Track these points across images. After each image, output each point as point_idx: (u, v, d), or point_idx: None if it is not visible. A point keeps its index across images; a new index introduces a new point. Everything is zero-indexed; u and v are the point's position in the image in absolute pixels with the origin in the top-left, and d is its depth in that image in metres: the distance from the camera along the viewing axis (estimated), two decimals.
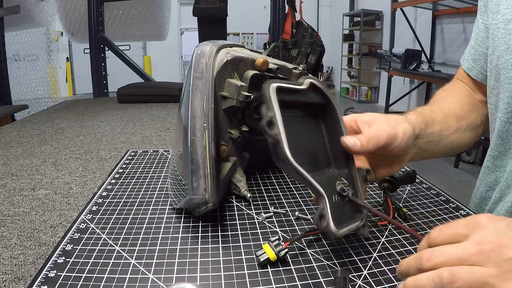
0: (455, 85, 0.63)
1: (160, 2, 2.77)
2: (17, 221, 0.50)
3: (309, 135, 0.42)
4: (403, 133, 0.42)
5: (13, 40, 3.29)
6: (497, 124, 0.53)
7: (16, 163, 0.75)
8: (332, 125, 0.43)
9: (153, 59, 7.59)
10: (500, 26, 0.50)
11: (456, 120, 0.54)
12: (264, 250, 0.39)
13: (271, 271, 0.39)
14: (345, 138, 0.41)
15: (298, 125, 0.41)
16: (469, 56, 0.61)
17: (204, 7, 1.97)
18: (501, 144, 0.53)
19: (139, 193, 0.58)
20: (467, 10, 4.09)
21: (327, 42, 4.41)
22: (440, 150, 0.52)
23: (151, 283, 0.37)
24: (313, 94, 0.43)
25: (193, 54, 0.51)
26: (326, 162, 0.42)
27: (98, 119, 1.20)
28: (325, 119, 0.44)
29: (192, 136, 0.44)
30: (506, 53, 0.49)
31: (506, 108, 0.50)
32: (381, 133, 0.41)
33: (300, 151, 0.38)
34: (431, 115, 0.51)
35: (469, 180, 2.97)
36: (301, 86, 0.41)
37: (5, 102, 2.26)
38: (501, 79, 0.50)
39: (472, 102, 0.59)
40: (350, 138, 0.40)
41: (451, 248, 0.29)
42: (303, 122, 0.42)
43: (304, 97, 0.41)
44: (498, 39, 0.50)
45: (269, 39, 3.05)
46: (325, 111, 0.44)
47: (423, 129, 0.48)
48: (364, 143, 0.40)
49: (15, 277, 0.38)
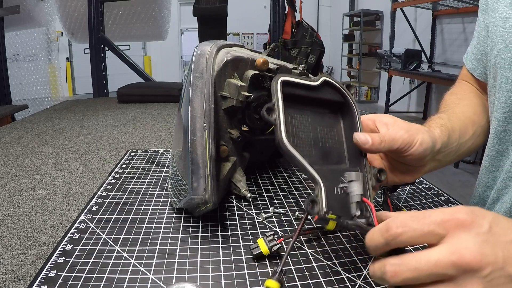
0: (462, 87, 0.62)
1: (160, 2, 2.77)
2: (17, 221, 0.50)
3: (324, 131, 0.42)
4: (419, 143, 0.41)
5: (13, 40, 3.29)
6: (494, 123, 0.53)
7: (16, 163, 0.75)
8: (350, 124, 0.43)
9: (153, 59, 7.58)
10: (498, 24, 0.50)
11: (472, 125, 0.53)
12: (258, 244, 0.40)
13: (271, 271, 0.39)
14: (357, 134, 0.40)
15: (310, 120, 0.41)
16: (472, 55, 0.60)
17: (204, 7, 1.97)
18: (499, 144, 0.53)
19: (139, 193, 0.58)
20: (467, 10, 4.09)
21: (327, 42, 4.42)
22: (457, 158, 0.51)
23: (151, 283, 0.37)
24: (329, 92, 0.43)
25: (193, 54, 0.51)
26: (340, 159, 0.42)
27: (98, 119, 1.20)
28: (344, 117, 0.44)
29: (192, 136, 0.44)
30: (504, 51, 0.48)
31: (503, 108, 0.50)
32: (397, 137, 0.40)
33: (305, 142, 0.39)
34: (451, 124, 0.49)
35: (469, 180, 2.96)
36: (314, 82, 0.41)
37: (5, 102, 2.26)
38: (498, 78, 0.50)
39: (483, 103, 0.59)
40: (362, 134, 0.39)
41: (421, 258, 0.25)
42: (319, 118, 0.42)
43: (318, 94, 0.42)
44: (496, 38, 0.50)
45: (269, 39, 3.05)
46: (343, 109, 0.44)
47: (445, 142, 0.46)
48: (376, 143, 0.39)
49: (15, 277, 0.38)
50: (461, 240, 0.24)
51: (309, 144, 0.39)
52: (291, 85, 0.39)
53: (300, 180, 0.64)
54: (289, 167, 0.71)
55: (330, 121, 0.43)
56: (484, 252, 0.24)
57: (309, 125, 0.41)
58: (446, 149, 0.47)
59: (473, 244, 0.24)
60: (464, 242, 0.24)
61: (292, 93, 0.39)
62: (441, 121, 0.50)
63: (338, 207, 0.35)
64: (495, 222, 0.25)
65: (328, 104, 0.43)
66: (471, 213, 0.25)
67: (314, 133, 0.41)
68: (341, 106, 0.44)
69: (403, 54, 4.73)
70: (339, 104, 0.44)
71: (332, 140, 0.42)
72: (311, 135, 0.40)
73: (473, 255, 0.23)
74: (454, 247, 0.24)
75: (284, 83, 0.38)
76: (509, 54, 0.47)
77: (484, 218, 0.25)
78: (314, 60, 2.71)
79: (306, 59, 2.68)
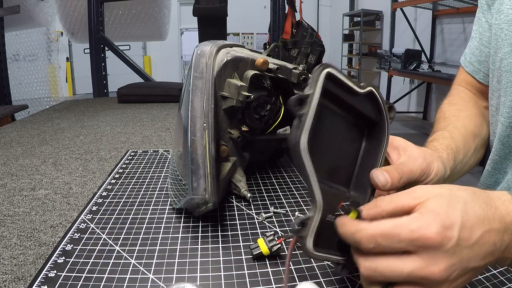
0: (460, 95, 0.60)
1: (160, 2, 2.77)
2: (17, 221, 0.50)
3: (342, 145, 0.37)
4: (435, 172, 0.38)
5: (13, 40, 3.29)
6: (498, 128, 0.52)
7: (16, 163, 0.75)
8: (373, 150, 0.38)
9: (153, 59, 7.58)
10: (503, 27, 0.48)
11: (474, 139, 0.52)
12: (258, 244, 0.40)
13: (271, 271, 0.39)
14: (376, 174, 0.35)
15: (335, 126, 0.35)
16: (473, 57, 0.58)
17: (204, 7, 1.97)
18: (502, 148, 0.52)
19: (139, 193, 0.58)
20: (467, 10, 4.09)
21: (327, 42, 4.41)
22: (459, 176, 0.50)
23: (151, 283, 0.37)
24: (369, 105, 0.37)
25: (193, 54, 0.51)
26: (345, 181, 0.37)
27: (98, 119, 1.20)
28: (369, 138, 0.38)
29: (192, 136, 0.44)
30: (510, 55, 0.47)
31: (508, 112, 0.49)
32: (415, 169, 0.37)
33: (320, 151, 0.33)
34: (455, 144, 0.47)
35: (469, 180, 2.95)
36: (359, 89, 0.35)
37: (5, 102, 2.26)
38: (503, 82, 0.49)
39: (481, 112, 0.57)
40: (381, 174, 0.35)
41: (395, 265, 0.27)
42: (344, 128, 0.37)
43: (357, 102, 0.36)
44: (501, 40, 0.49)
45: (269, 39, 3.05)
46: (373, 130, 0.38)
47: (452, 167, 0.44)
48: (395, 181, 0.35)
49: (15, 277, 0.38)
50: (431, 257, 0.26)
51: (323, 153, 0.34)
52: (334, 82, 0.33)
53: (300, 180, 0.64)
54: (289, 167, 0.71)
55: (353, 136, 0.38)
56: (452, 264, 0.26)
57: (332, 133, 0.35)
58: (452, 173, 0.45)
59: (441, 260, 0.26)
60: (433, 259, 0.26)
61: (331, 91, 0.33)
62: (445, 141, 0.47)
63: (323, 237, 0.32)
64: (463, 226, 0.26)
65: (361, 117, 0.37)
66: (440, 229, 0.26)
67: (333, 143, 0.35)
68: (371, 125, 0.38)
69: (403, 54, 4.73)
70: (371, 123, 0.38)
71: (346, 157, 0.37)
72: (330, 144, 0.35)
73: (441, 270, 0.26)
74: (424, 264, 0.26)
75: (329, 77, 0.32)
76: None
77: (453, 228, 0.26)
78: (314, 60, 2.71)
79: (306, 59, 2.68)
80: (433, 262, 0.26)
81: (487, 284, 0.36)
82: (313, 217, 0.30)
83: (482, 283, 0.37)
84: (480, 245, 0.27)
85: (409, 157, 0.38)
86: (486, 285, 0.36)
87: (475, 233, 0.27)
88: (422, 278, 0.26)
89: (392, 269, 0.27)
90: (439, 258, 0.26)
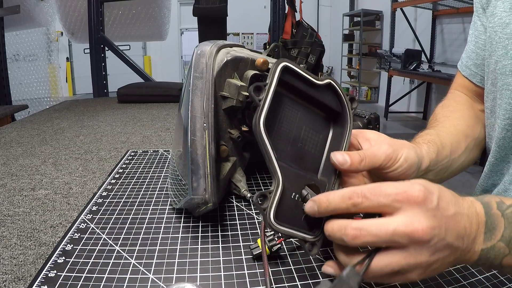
0: (455, 98, 0.60)
1: (160, 2, 2.77)
2: (17, 221, 0.50)
3: (308, 134, 0.40)
4: (404, 158, 0.39)
5: (13, 40, 3.29)
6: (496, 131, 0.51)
7: (16, 163, 0.75)
8: (338, 137, 0.40)
9: (153, 59, 7.58)
10: (497, 30, 0.48)
11: (465, 138, 0.52)
12: (258, 244, 0.40)
13: (271, 271, 0.39)
14: (334, 154, 0.37)
15: (299, 116, 0.38)
16: (469, 61, 0.58)
17: (204, 7, 1.97)
18: (498, 151, 0.52)
19: (139, 193, 0.58)
20: (467, 10, 4.09)
21: (327, 42, 4.41)
22: (449, 176, 0.49)
23: (151, 283, 0.37)
24: (329, 97, 0.40)
25: (193, 54, 0.51)
26: (313, 168, 0.39)
27: (98, 119, 1.20)
28: (335, 128, 0.41)
29: (192, 136, 0.44)
30: (504, 58, 0.47)
31: (503, 115, 0.49)
32: (380, 154, 0.38)
33: (284, 136, 0.37)
34: (440, 140, 0.47)
35: (469, 180, 2.96)
36: (318, 81, 0.38)
37: (5, 102, 2.26)
38: (499, 85, 0.49)
39: (475, 114, 0.57)
40: (340, 154, 0.36)
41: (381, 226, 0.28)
42: (310, 118, 0.40)
43: (317, 94, 0.39)
44: (495, 43, 0.49)
45: (269, 39, 3.05)
46: (337, 120, 0.41)
47: (433, 160, 0.44)
48: (356, 162, 0.36)
49: (15, 277, 0.38)
50: (414, 214, 0.28)
51: (287, 140, 0.37)
52: (293, 75, 0.36)
53: None
54: None
55: (319, 126, 0.41)
56: (433, 226, 0.27)
57: (295, 122, 0.38)
58: (435, 166, 0.45)
59: (424, 218, 0.28)
60: (416, 216, 0.28)
61: (291, 83, 0.36)
62: (428, 137, 0.48)
63: (287, 213, 0.34)
64: (441, 198, 0.29)
65: (324, 108, 0.40)
66: (423, 188, 0.29)
67: (297, 131, 0.38)
68: (336, 116, 0.41)
69: (403, 54, 4.73)
70: (335, 113, 0.41)
71: (313, 146, 0.40)
72: (294, 132, 0.38)
73: (424, 229, 0.27)
74: (409, 220, 0.28)
75: (286, 70, 0.35)
76: (510, 60, 0.46)
77: (433, 194, 0.29)
78: (314, 60, 2.70)
79: (306, 59, 2.68)
80: (416, 219, 0.27)
81: (487, 284, 0.36)
82: (273, 191, 0.33)
83: (482, 283, 0.37)
84: (456, 222, 0.29)
85: (376, 144, 0.40)
86: (486, 285, 0.36)
87: (450, 208, 0.29)
88: (405, 235, 0.27)
89: (378, 226, 0.28)
90: (422, 216, 0.28)
